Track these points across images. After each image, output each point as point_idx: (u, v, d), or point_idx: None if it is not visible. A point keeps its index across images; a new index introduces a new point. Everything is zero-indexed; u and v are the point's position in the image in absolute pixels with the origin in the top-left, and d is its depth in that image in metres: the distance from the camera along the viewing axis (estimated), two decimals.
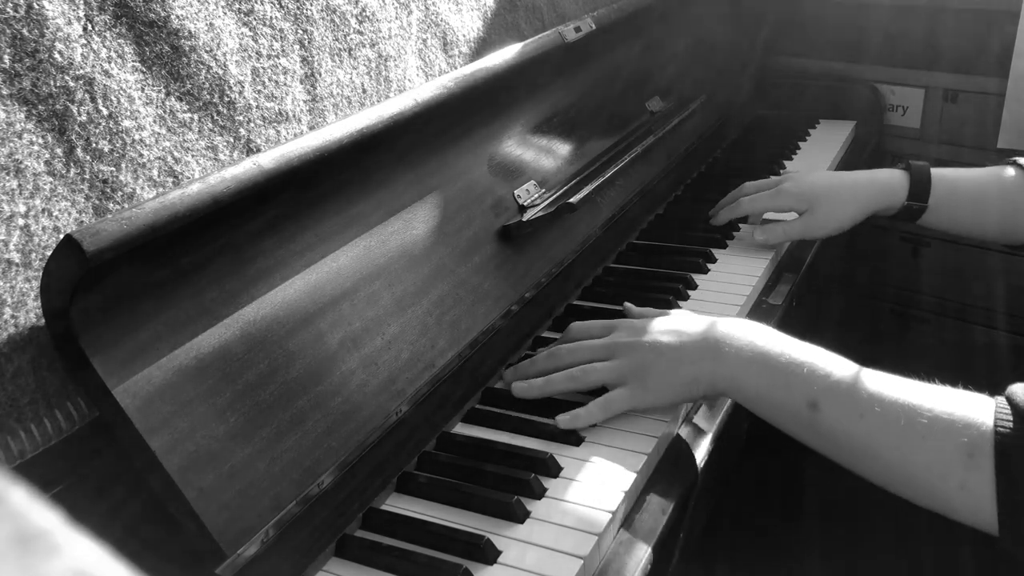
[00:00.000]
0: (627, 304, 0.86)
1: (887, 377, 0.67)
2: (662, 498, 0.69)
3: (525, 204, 0.91)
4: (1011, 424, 0.61)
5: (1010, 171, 1.03)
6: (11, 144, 0.53)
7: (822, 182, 1.06)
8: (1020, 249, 1.05)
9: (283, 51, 0.73)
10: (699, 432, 0.77)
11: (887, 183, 1.04)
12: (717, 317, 0.76)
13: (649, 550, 0.64)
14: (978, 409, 0.63)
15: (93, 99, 0.58)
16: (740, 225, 1.12)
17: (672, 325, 0.76)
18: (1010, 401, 0.63)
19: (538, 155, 0.97)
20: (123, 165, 0.59)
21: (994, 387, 0.67)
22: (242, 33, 0.69)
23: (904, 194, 1.03)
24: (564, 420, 0.73)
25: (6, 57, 0.54)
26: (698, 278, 0.99)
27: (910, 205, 1.03)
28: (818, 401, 0.67)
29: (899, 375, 0.68)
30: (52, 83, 0.56)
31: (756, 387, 0.70)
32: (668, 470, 0.72)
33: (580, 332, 0.81)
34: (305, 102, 0.74)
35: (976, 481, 0.61)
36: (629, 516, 0.67)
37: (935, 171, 1.04)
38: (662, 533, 0.65)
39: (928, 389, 0.66)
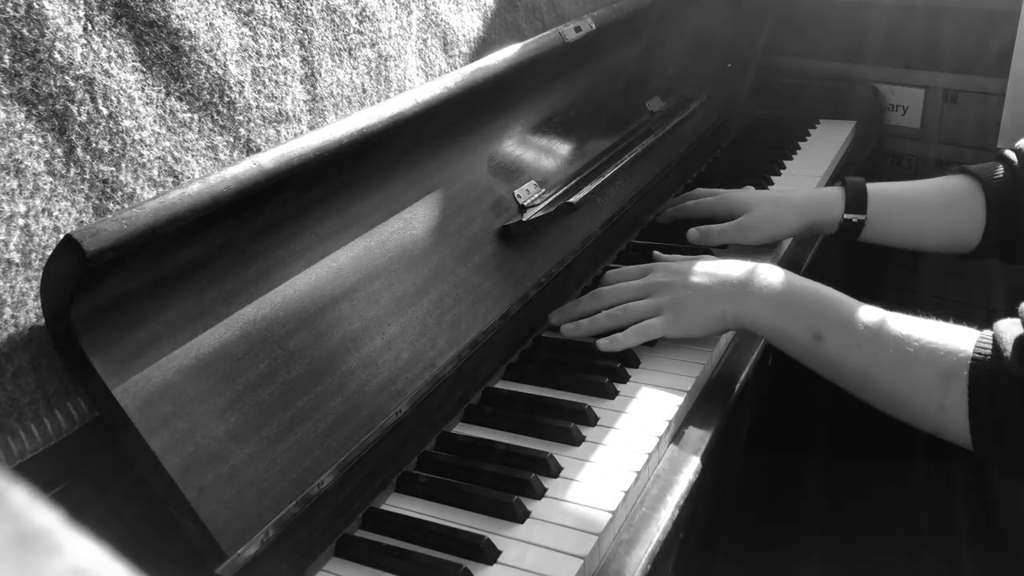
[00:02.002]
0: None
1: (885, 312, 0.76)
2: (664, 497, 0.69)
3: (525, 204, 0.91)
4: (988, 351, 0.69)
5: (956, 179, 1.03)
6: (11, 144, 0.53)
7: (762, 193, 1.10)
8: (970, 257, 1.05)
9: (283, 51, 0.73)
10: (700, 433, 0.77)
11: (823, 195, 1.05)
12: (742, 261, 0.86)
13: (649, 550, 0.64)
14: (961, 339, 0.71)
15: (93, 99, 0.58)
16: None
17: (703, 268, 0.86)
18: (993, 333, 0.70)
19: (538, 155, 0.97)
20: (123, 165, 0.59)
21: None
22: (242, 33, 0.69)
23: (840, 207, 1.04)
24: (603, 343, 0.83)
25: (6, 57, 0.54)
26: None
27: (849, 219, 1.03)
28: (822, 333, 0.77)
29: None
30: (52, 83, 0.56)
31: (771, 321, 0.80)
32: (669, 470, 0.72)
33: (617, 275, 0.91)
34: (305, 102, 0.74)
35: (952, 401, 0.69)
36: (630, 516, 0.67)
37: (872, 185, 1.04)
38: (663, 533, 0.65)
39: (920, 322, 0.74)
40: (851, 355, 0.75)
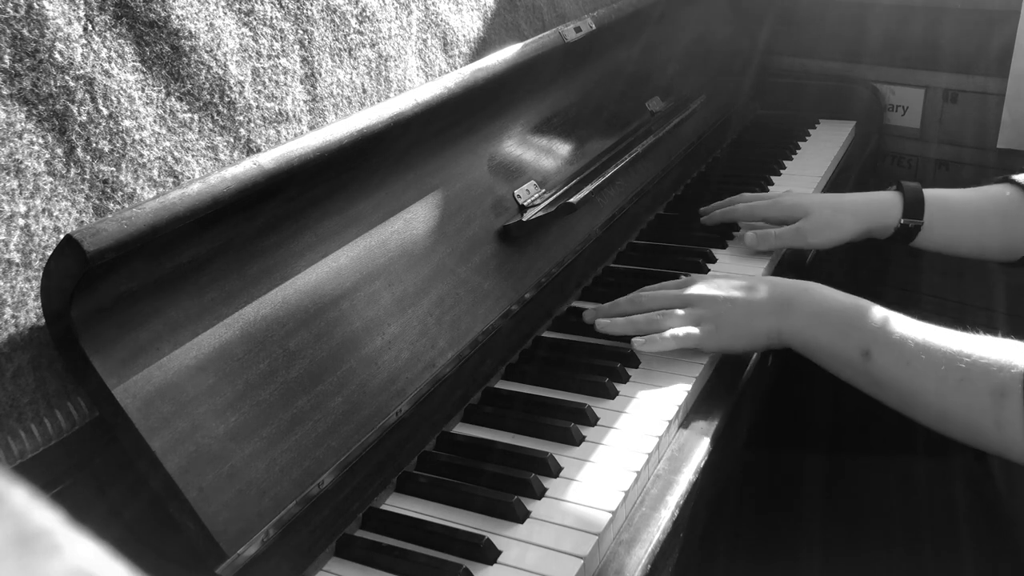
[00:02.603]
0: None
1: (934, 328, 0.75)
2: (664, 497, 0.69)
3: (525, 204, 0.91)
4: None
5: (1005, 189, 1.03)
6: (11, 144, 0.53)
7: (818, 196, 1.08)
8: (1016, 265, 1.06)
9: (283, 51, 0.73)
10: (700, 433, 0.77)
11: (882, 200, 1.05)
12: (781, 278, 0.86)
13: (649, 550, 0.64)
14: (1014, 353, 0.69)
15: (93, 99, 0.58)
16: (740, 224, 1.12)
17: (744, 282, 0.85)
18: None
19: (538, 155, 0.97)
20: (123, 165, 0.59)
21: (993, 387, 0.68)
22: (242, 33, 0.69)
23: (898, 212, 1.04)
24: (639, 342, 0.82)
25: (6, 57, 0.54)
26: (699, 278, 0.99)
27: (906, 224, 1.04)
28: (870, 350, 0.75)
29: None
30: (52, 83, 0.56)
31: (817, 338, 0.79)
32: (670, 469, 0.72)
33: (656, 286, 0.90)
34: (305, 102, 0.74)
35: (1008, 418, 0.67)
36: (630, 516, 0.67)
37: (928, 191, 1.05)
38: (663, 533, 0.65)
39: (970, 337, 0.73)
40: (900, 372, 0.73)
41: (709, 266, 1.03)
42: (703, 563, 0.85)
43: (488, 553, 0.61)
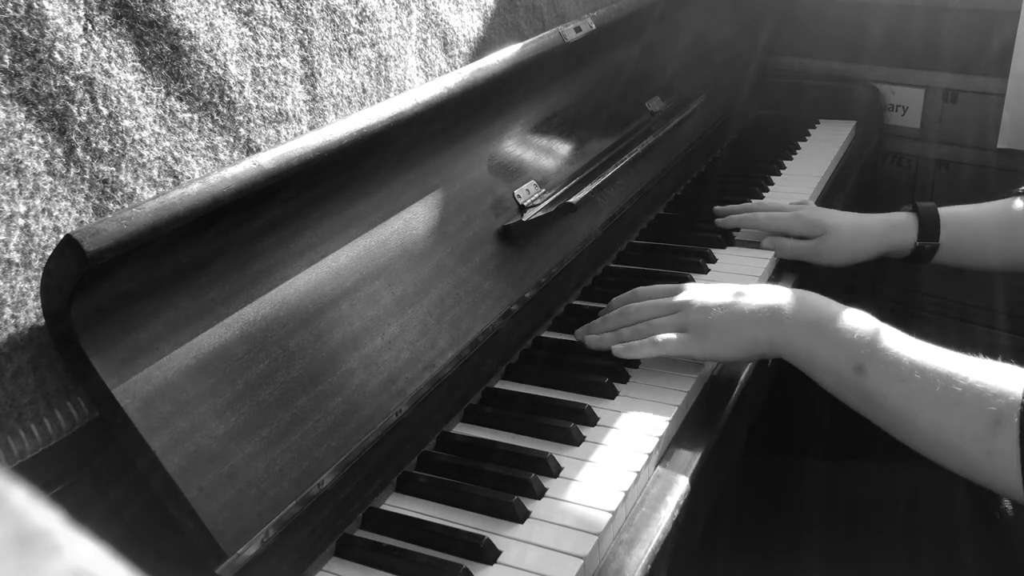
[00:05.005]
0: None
1: (929, 347, 0.72)
2: (664, 497, 0.69)
3: (525, 204, 0.91)
4: None
5: (1019, 202, 1.03)
6: (11, 144, 0.53)
7: (838, 214, 1.08)
8: None
9: (283, 51, 0.73)
10: (700, 433, 0.77)
11: (898, 221, 1.05)
12: (776, 285, 0.83)
13: (649, 550, 0.64)
14: (1011, 380, 0.66)
15: (93, 99, 0.58)
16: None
17: (736, 288, 0.83)
18: None
19: (538, 155, 0.97)
20: (123, 165, 0.59)
21: None
22: (242, 33, 0.69)
23: (914, 235, 1.04)
24: (619, 349, 0.81)
25: (6, 57, 0.54)
26: (699, 278, 0.99)
27: (922, 245, 1.04)
28: (864, 365, 0.72)
29: None
30: (52, 83, 0.56)
31: (808, 350, 0.76)
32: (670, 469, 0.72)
33: (647, 292, 0.88)
34: (305, 102, 0.74)
35: (1002, 448, 0.65)
36: (630, 516, 0.67)
37: (943, 210, 1.05)
38: (663, 533, 0.65)
39: (967, 360, 0.70)
40: (893, 391, 0.70)
41: (709, 266, 1.03)
42: (703, 563, 0.85)
43: (488, 553, 0.61)
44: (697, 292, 0.84)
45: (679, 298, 0.84)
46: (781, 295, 0.80)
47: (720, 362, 0.83)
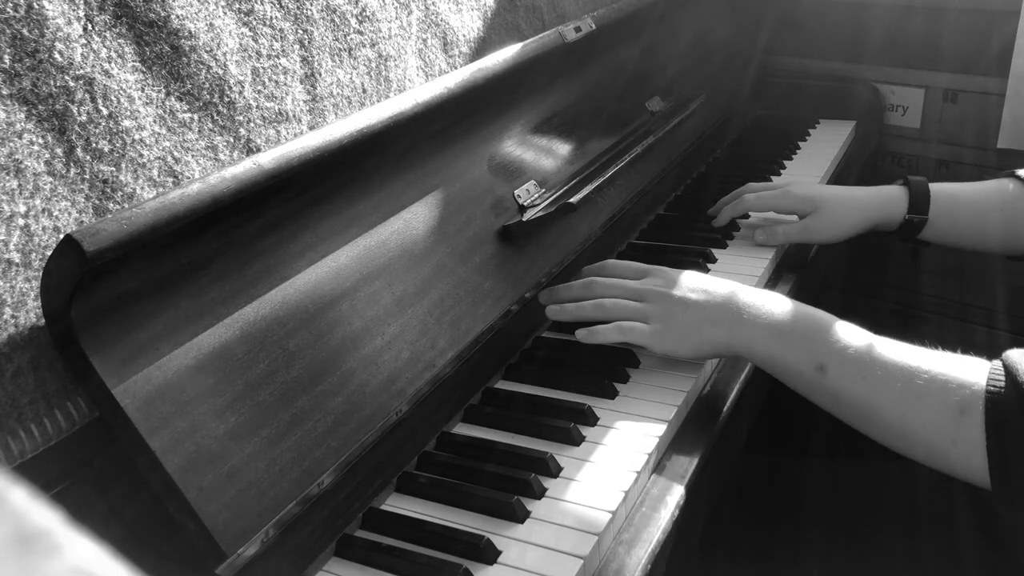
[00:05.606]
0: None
1: (890, 342, 0.72)
2: (664, 497, 0.69)
3: (525, 204, 0.91)
4: (1002, 384, 0.65)
5: (1009, 184, 1.04)
6: (11, 144, 0.53)
7: (826, 189, 1.08)
8: (1019, 259, 1.06)
9: (283, 51, 0.73)
10: (700, 433, 0.77)
11: (888, 195, 1.06)
12: (741, 284, 0.82)
13: (649, 550, 0.64)
14: (973, 370, 0.67)
15: (93, 99, 0.58)
16: (740, 224, 1.12)
17: (701, 284, 0.82)
18: (1004, 364, 0.67)
19: (538, 155, 0.97)
20: (123, 165, 0.59)
21: None
22: (242, 33, 0.69)
23: (904, 207, 1.05)
24: (582, 334, 0.82)
25: (6, 57, 0.54)
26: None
27: (911, 219, 1.05)
28: (825, 364, 0.72)
29: None
30: (52, 83, 0.56)
31: (769, 351, 0.76)
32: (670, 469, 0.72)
33: (614, 269, 0.89)
34: (305, 102, 0.74)
35: (966, 437, 0.66)
36: (630, 516, 0.67)
37: (934, 185, 1.05)
38: (663, 533, 0.65)
39: (928, 353, 0.71)
40: (856, 387, 0.71)
41: (709, 266, 1.03)
42: (703, 563, 0.85)
43: (488, 553, 0.61)
44: (662, 280, 0.84)
45: (645, 285, 0.84)
46: (742, 295, 0.79)
47: (676, 358, 0.82)
